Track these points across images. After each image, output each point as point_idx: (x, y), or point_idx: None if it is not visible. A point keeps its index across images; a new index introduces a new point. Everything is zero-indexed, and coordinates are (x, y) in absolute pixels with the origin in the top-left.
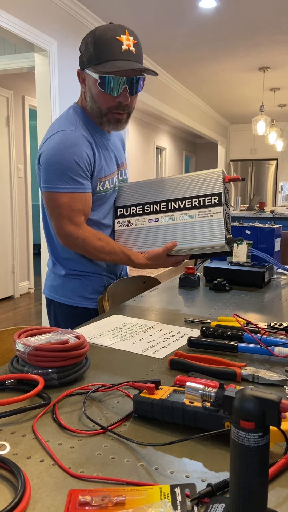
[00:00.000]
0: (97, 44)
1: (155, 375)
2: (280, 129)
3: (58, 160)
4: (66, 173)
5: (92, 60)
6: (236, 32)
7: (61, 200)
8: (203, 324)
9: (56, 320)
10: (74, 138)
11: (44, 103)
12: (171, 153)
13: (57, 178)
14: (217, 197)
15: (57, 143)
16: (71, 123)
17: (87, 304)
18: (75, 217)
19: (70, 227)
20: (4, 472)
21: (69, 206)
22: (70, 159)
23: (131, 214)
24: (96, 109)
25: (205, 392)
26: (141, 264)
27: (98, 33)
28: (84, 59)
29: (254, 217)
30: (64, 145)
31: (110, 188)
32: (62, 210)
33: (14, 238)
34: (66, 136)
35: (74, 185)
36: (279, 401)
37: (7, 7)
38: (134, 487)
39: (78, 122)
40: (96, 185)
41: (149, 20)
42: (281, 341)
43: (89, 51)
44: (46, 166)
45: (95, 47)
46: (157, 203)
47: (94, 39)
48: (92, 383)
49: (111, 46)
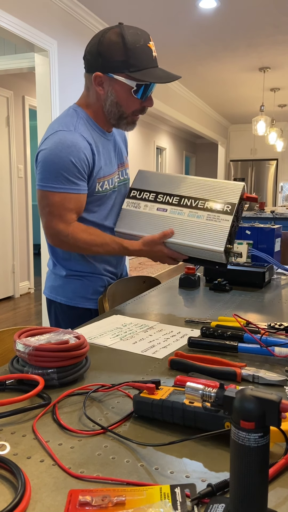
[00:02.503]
0: (131, 52)
1: (155, 375)
2: (280, 129)
3: (54, 160)
4: (61, 173)
5: (126, 67)
6: (236, 32)
7: (54, 199)
8: (203, 324)
9: (57, 321)
10: (72, 138)
11: (44, 103)
12: (171, 153)
13: (52, 177)
14: (231, 207)
15: (55, 142)
16: (70, 123)
17: (88, 304)
18: (66, 215)
19: (60, 225)
20: (4, 472)
21: (61, 205)
22: (66, 159)
23: (143, 198)
24: (116, 113)
25: (205, 392)
26: (135, 250)
27: (130, 39)
28: (110, 64)
29: (254, 217)
30: (62, 145)
31: (109, 188)
32: (54, 208)
33: (14, 238)
34: (64, 136)
35: (68, 185)
36: (279, 401)
37: (7, 7)
38: (134, 487)
39: (78, 122)
40: (95, 185)
41: (149, 20)
42: (281, 341)
43: (119, 56)
44: (42, 164)
45: (129, 54)
46: (171, 196)
47: (127, 46)
48: (92, 383)
49: (145, 54)
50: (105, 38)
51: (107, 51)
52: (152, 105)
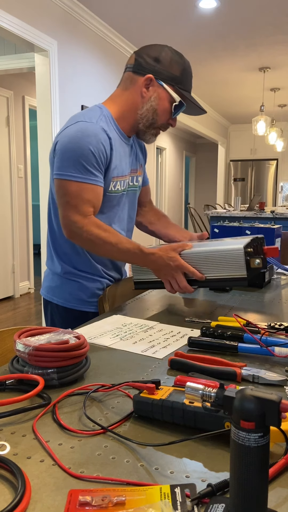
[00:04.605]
0: (185, 72)
1: (155, 375)
2: (280, 129)
3: (73, 148)
4: (79, 161)
5: (178, 82)
6: (236, 32)
7: (71, 188)
8: (203, 324)
9: (53, 321)
10: (93, 129)
11: (44, 103)
12: (171, 153)
13: (70, 165)
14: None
15: (75, 131)
16: (93, 116)
17: (85, 307)
18: (83, 207)
19: (75, 216)
20: (4, 472)
21: (78, 195)
22: (85, 147)
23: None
24: (150, 119)
25: (205, 392)
26: (150, 253)
27: (187, 63)
28: (166, 73)
29: (254, 217)
30: (82, 134)
31: (121, 190)
32: (70, 198)
33: (14, 238)
34: (86, 126)
35: (86, 175)
36: (279, 401)
37: (7, 7)
38: (134, 487)
39: (100, 118)
40: (109, 183)
41: (149, 20)
42: (281, 341)
43: (176, 71)
44: (61, 152)
45: (184, 74)
46: None
47: (184, 66)
48: (92, 383)
49: (191, 80)
50: (168, 50)
51: (167, 61)
52: (175, 126)
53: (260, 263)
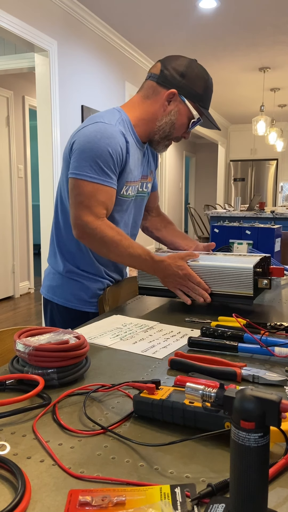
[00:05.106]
0: (208, 90)
1: (155, 375)
2: (280, 129)
3: (92, 148)
4: (96, 162)
5: (199, 100)
6: (236, 32)
7: (86, 188)
8: (203, 324)
9: (52, 321)
10: (112, 131)
11: (44, 103)
12: (171, 153)
13: (87, 165)
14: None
15: (94, 131)
16: (112, 118)
17: (86, 307)
18: (96, 208)
19: (89, 217)
20: (4, 472)
21: (92, 196)
22: (104, 148)
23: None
24: (166, 131)
25: (205, 392)
26: (160, 261)
27: (210, 82)
28: (190, 90)
29: (254, 217)
30: (101, 135)
31: (131, 195)
32: (84, 198)
33: (14, 238)
34: (105, 127)
35: (102, 177)
36: (279, 401)
37: (7, 7)
38: (134, 487)
39: (118, 121)
40: (122, 187)
41: (149, 20)
42: (281, 341)
43: (199, 89)
44: (79, 152)
45: (206, 92)
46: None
47: (207, 85)
48: (92, 383)
49: (211, 97)
50: (195, 66)
51: (193, 78)
52: (188, 138)
53: (268, 283)
